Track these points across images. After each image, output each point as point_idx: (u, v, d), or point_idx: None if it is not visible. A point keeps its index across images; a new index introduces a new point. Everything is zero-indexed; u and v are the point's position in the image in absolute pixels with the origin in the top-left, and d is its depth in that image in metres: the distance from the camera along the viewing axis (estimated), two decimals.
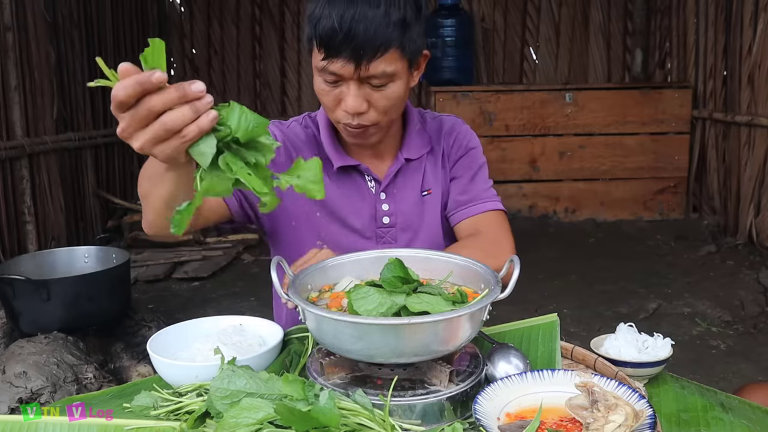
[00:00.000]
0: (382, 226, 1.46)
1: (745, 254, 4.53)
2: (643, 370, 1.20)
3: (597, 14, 6.33)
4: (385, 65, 1.25)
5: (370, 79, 1.26)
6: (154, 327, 2.95)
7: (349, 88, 1.27)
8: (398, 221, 1.47)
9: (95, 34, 5.03)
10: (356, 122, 1.31)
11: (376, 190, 1.47)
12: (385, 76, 1.26)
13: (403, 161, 1.47)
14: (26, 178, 4.11)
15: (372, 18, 1.21)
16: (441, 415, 0.98)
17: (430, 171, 1.51)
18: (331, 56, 1.23)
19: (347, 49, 1.22)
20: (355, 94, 1.27)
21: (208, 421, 0.97)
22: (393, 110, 1.35)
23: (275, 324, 1.22)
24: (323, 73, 1.28)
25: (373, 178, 1.46)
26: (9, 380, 2.34)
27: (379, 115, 1.32)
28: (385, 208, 1.46)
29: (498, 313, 1.13)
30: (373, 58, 1.23)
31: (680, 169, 5.45)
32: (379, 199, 1.47)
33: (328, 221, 1.45)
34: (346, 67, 1.24)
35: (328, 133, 1.45)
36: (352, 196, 1.46)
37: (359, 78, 1.26)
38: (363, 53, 1.22)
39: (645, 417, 0.90)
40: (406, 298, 0.98)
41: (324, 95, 1.32)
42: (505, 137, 5.37)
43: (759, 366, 3.05)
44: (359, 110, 1.29)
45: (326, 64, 1.25)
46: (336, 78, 1.27)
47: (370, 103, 1.30)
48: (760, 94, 4.53)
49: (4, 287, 2.70)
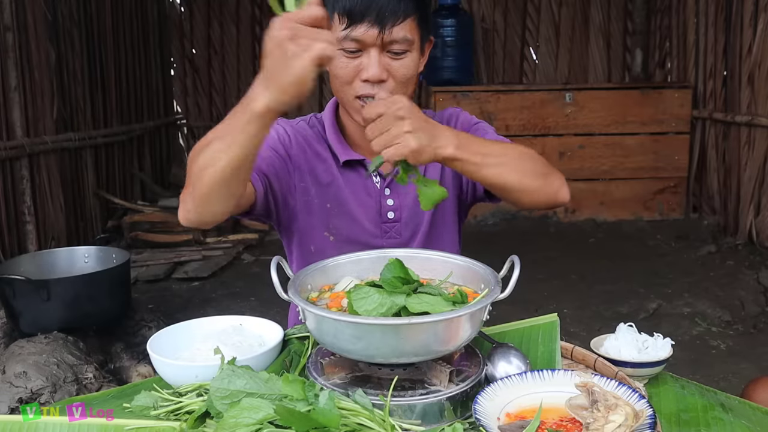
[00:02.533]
0: (387, 221, 1.48)
1: (745, 254, 4.53)
2: (643, 370, 1.20)
3: (597, 14, 6.33)
4: (405, 31, 1.31)
5: (392, 45, 1.31)
6: (154, 327, 2.95)
7: (369, 55, 1.31)
8: (403, 216, 1.49)
9: (95, 34, 5.02)
10: (376, 92, 1.33)
11: (380, 185, 1.49)
12: (405, 42, 1.32)
13: None
14: (26, 178, 4.10)
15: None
16: (441, 415, 0.98)
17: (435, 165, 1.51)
18: (355, 22, 1.28)
19: (372, 13, 1.27)
20: (376, 61, 1.31)
21: (208, 421, 0.97)
22: (409, 83, 1.38)
23: (275, 324, 1.22)
24: (344, 42, 1.31)
25: (378, 173, 1.48)
26: (9, 380, 2.34)
27: (396, 85, 1.35)
28: (389, 203, 1.49)
29: (498, 313, 1.13)
30: (396, 22, 1.29)
31: (680, 169, 5.45)
32: (384, 194, 1.49)
33: (337, 213, 1.47)
34: (370, 31, 1.29)
35: (333, 130, 1.48)
36: (357, 190, 1.48)
37: (381, 44, 1.30)
38: (387, 16, 1.28)
39: (645, 417, 0.90)
40: (406, 299, 0.98)
41: (341, 68, 1.33)
42: (505, 137, 5.36)
43: (759, 366, 3.05)
44: (381, 77, 1.32)
45: (349, 32, 1.29)
46: (357, 46, 1.31)
47: (389, 72, 1.33)
48: (760, 94, 4.53)
49: (4, 287, 2.70)
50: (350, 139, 1.49)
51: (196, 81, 6.73)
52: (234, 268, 4.58)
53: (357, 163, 1.48)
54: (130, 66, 5.59)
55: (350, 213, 1.48)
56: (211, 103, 6.77)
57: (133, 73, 5.67)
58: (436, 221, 1.51)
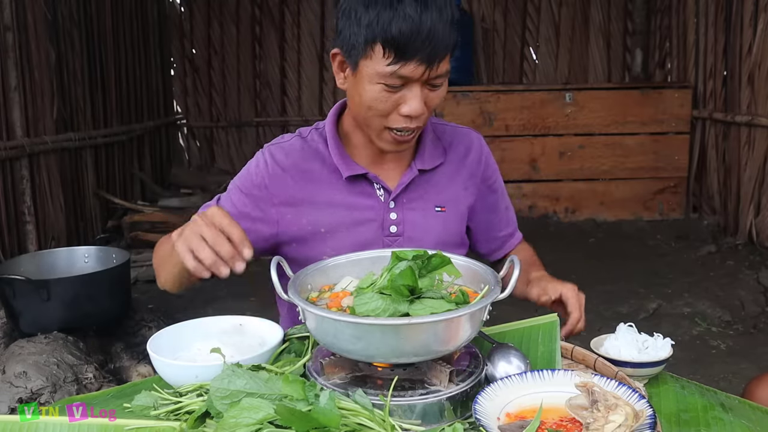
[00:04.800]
0: (389, 234, 1.45)
1: (745, 254, 4.53)
2: (643, 370, 1.20)
3: (597, 14, 6.33)
4: (446, 65, 1.29)
5: (435, 80, 1.29)
6: (154, 327, 2.95)
7: (411, 91, 1.28)
8: (405, 231, 1.46)
9: (95, 34, 5.02)
10: (414, 125, 1.32)
11: (385, 199, 1.45)
12: (445, 75, 1.30)
13: (417, 172, 1.46)
14: (26, 178, 4.10)
15: (446, 18, 1.24)
16: (441, 415, 0.98)
17: (446, 187, 1.50)
18: (405, 59, 1.23)
19: (425, 51, 1.22)
20: (420, 96, 1.28)
21: (208, 421, 0.97)
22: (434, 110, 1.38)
23: (275, 324, 1.22)
24: (389, 78, 1.26)
25: (382, 186, 1.45)
26: (9, 380, 2.34)
27: (428, 115, 1.35)
28: (393, 217, 1.45)
29: (498, 313, 1.13)
30: (443, 58, 1.26)
31: (680, 169, 5.45)
32: (388, 207, 1.45)
33: (333, 233, 1.44)
34: (418, 68, 1.24)
35: (335, 144, 1.44)
36: (360, 204, 1.45)
37: (426, 79, 1.27)
38: (437, 53, 1.24)
39: (645, 417, 0.90)
40: (410, 306, 0.98)
41: (381, 102, 1.29)
42: (505, 137, 5.37)
43: (759, 366, 3.05)
44: (423, 113, 1.30)
45: (398, 69, 1.24)
46: (402, 82, 1.27)
47: (425, 103, 1.31)
48: (760, 94, 4.53)
49: (4, 287, 2.70)
50: (354, 150, 1.46)
51: (196, 81, 6.73)
52: None
53: (361, 177, 1.44)
54: (130, 66, 5.59)
55: (351, 228, 1.44)
56: (211, 103, 6.78)
57: (133, 73, 5.67)
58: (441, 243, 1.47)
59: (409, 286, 0.99)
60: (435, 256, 1.04)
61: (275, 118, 6.75)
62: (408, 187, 1.46)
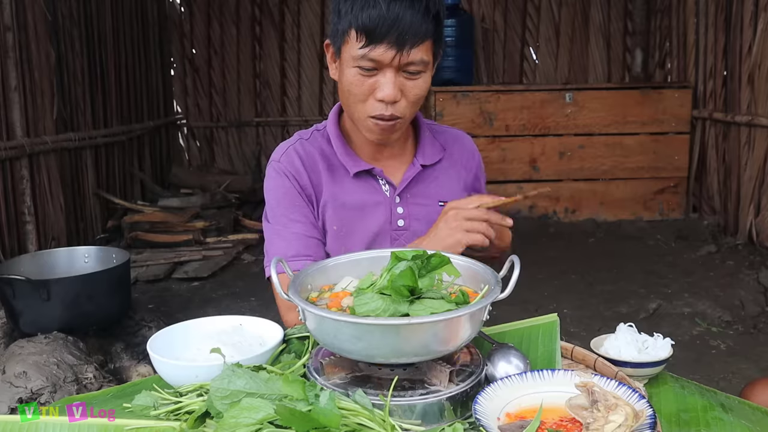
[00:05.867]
0: (397, 228, 1.50)
1: (745, 254, 4.53)
2: (643, 370, 1.20)
3: (597, 14, 6.33)
4: (422, 53, 1.32)
5: (408, 67, 1.32)
6: (154, 327, 2.95)
7: (385, 75, 1.33)
8: (411, 225, 1.50)
9: (95, 34, 5.02)
10: (389, 112, 1.35)
11: (390, 194, 1.50)
12: (422, 63, 1.33)
13: (420, 167, 1.51)
14: (26, 178, 4.10)
15: (417, 8, 1.29)
16: (441, 415, 0.98)
17: (446, 182, 1.55)
18: (374, 42, 1.29)
19: (393, 35, 1.28)
20: (391, 82, 1.33)
21: (208, 421, 0.97)
22: (418, 103, 1.40)
23: (275, 324, 1.22)
24: (361, 61, 1.32)
25: (387, 181, 1.50)
26: (9, 380, 2.34)
27: (408, 106, 1.37)
28: (399, 211, 1.50)
29: (498, 313, 1.13)
30: (414, 45, 1.30)
31: (680, 169, 5.45)
32: (394, 202, 1.50)
33: (345, 229, 1.49)
34: (388, 53, 1.30)
35: (340, 142, 1.49)
36: (368, 200, 1.49)
37: (397, 65, 1.31)
38: (406, 39, 1.29)
39: (645, 417, 0.90)
40: (410, 306, 0.98)
41: (356, 86, 1.35)
42: (505, 137, 5.37)
43: (759, 366, 3.05)
44: (395, 98, 1.34)
45: (367, 51, 1.30)
46: (374, 65, 1.32)
47: (402, 93, 1.35)
48: (760, 94, 4.53)
49: (4, 287, 2.70)
50: (355, 148, 1.51)
51: (196, 81, 6.73)
52: (234, 268, 4.58)
53: (366, 173, 1.49)
54: (130, 66, 5.59)
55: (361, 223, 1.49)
56: (211, 103, 6.78)
57: (133, 73, 5.67)
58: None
59: (409, 287, 0.99)
60: (434, 256, 1.04)
61: (275, 118, 6.75)
62: (412, 182, 1.51)
